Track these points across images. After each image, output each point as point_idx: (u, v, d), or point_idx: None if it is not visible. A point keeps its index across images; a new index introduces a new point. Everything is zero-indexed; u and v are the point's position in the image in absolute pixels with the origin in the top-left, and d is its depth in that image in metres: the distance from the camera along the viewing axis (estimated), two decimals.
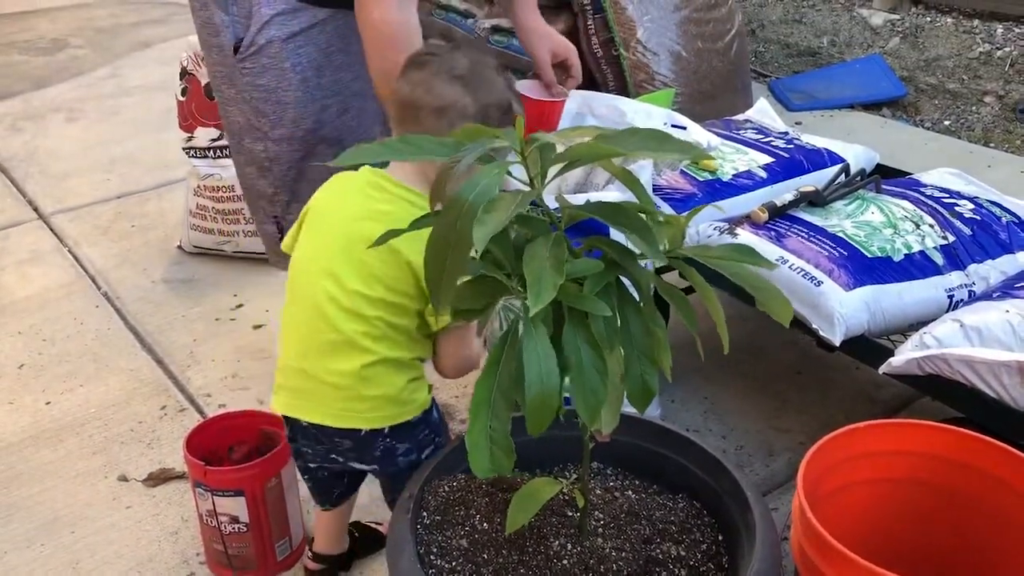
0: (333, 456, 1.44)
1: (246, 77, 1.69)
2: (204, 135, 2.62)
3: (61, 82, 4.35)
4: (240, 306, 2.52)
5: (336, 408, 1.37)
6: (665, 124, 1.88)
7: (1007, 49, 3.77)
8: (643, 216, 1.01)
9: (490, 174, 0.98)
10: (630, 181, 1.06)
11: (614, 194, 1.63)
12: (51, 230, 2.99)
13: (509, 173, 1.04)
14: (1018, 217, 1.85)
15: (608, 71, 3.36)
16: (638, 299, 1.07)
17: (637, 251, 1.04)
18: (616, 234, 1.11)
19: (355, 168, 1.42)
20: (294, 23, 1.65)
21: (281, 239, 1.83)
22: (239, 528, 1.60)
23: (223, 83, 1.74)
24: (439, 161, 1.03)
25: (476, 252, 0.94)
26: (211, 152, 2.62)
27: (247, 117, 1.73)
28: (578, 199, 1.51)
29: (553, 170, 1.01)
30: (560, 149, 1.00)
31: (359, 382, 1.35)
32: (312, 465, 1.50)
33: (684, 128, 1.91)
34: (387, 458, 1.42)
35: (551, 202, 1.14)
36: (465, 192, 0.97)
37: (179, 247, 2.80)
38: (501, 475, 1.04)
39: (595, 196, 1.60)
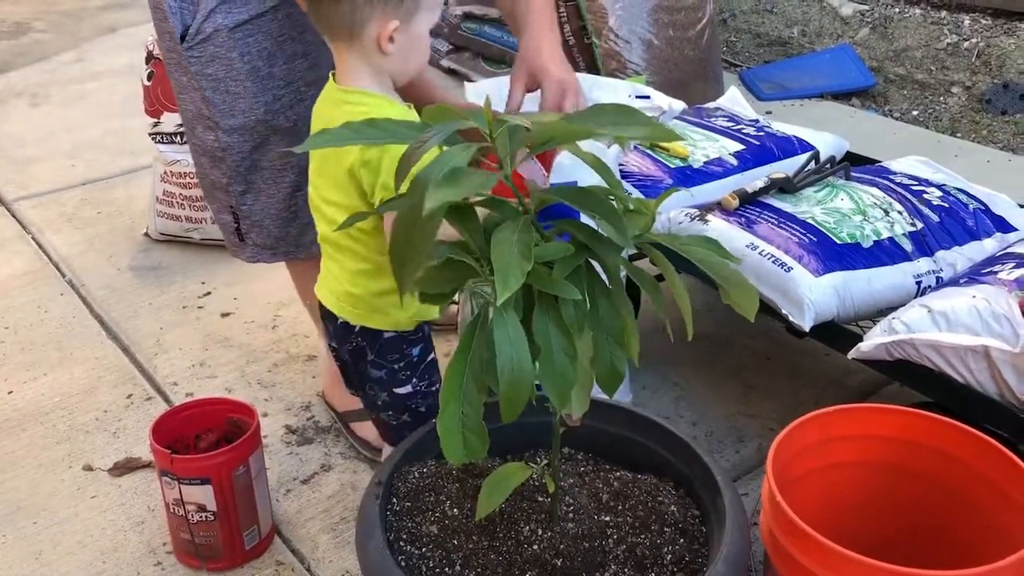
0: (329, 338, 1.57)
1: (194, 66, 1.64)
2: (170, 120, 2.57)
3: (24, 66, 4.27)
4: (208, 294, 2.49)
5: (327, 291, 1.51)
6: (630, 96, 1.89)
7: (974, 40, 3.81)
8: (612, 201, 1.00)
9: (457, 155, 0.97)
10: (599, 166, 1.05)
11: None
12: (14, 217, 2.93)
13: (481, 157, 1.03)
14: (984, 204, 1.86)
15: (580, 59, 3.36)
16: (607, 283, 1.07)
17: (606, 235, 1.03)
18: (586, 217, 1.10)
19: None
20: (241, 11, 1.60)
21: (238, 229, 1.80)
22: (206, 517, 1.58)
23: (176, 70, 1.69)
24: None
25: (431, 209, 0.92)
26: (178, 137, 2.58)
27: (198, 106, 1.67)
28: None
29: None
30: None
31: (342, 274, 1.47)
32: (332, 344, 1.59)
33: (648, 97, 1.93)
34: (357, 358, 1.51)
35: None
36: (431, 172, 0.95)
37: (146, 234, 2.76)
38: (475, 461, 1.03)
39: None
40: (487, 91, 1.55)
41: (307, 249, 1.80)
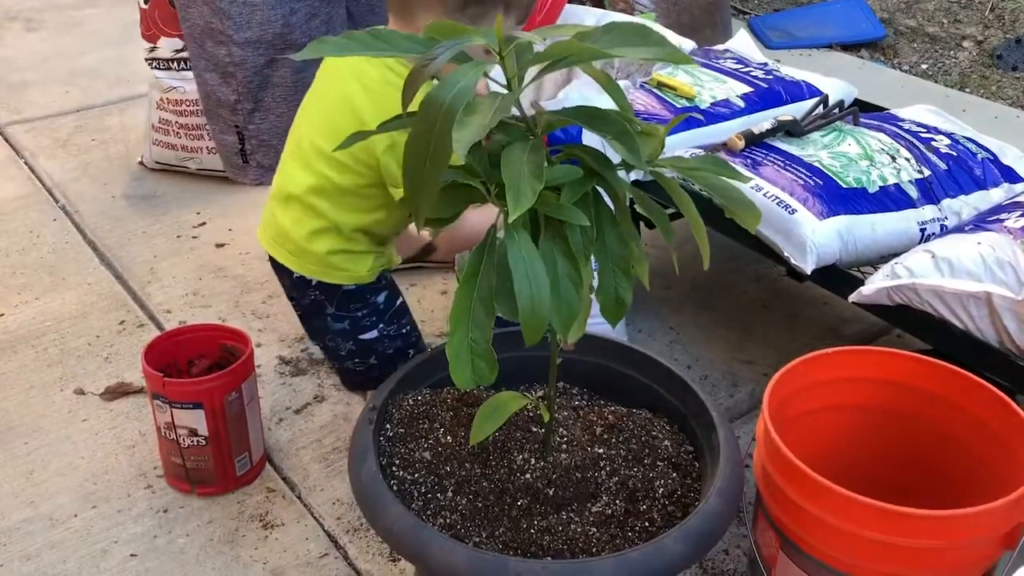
0: (286, 290, 1.55)
1: None
2: (168, 45, 2.52)
3: None
4: (203, 224, 2.46)
5: (275, 244, 1.49)
6: None
7: None
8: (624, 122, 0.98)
9: (467, 73, 0.94)
10: (610, 86, 1.02)
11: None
12: (6, 141, 2.88)
13: (486, 74, 1.00)
14: (993, 154, 1.84)
15: None
16: (614, 211, 1.05)
17: (616, 159, 1.01)
18: (592, 143, 1.08)
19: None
20: None
21: (242, 150, 1.78)
22: (198, 441, 1.57)
23: None
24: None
25: (460, 159, 0.90)
26: (174, 64, 2.52)
27: (208, 20, 1.66)
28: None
29: (532, 72, 0.97)
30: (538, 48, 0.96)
31: (297, 230, 1.44)
32: (292, 295, 1.58)
33: None
34: (316, 312, 1.50)
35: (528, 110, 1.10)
36: (442, 93, 0.92)
37: (140, 163, 2.72)
38: (471, 390, 1.02)
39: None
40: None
41: None
